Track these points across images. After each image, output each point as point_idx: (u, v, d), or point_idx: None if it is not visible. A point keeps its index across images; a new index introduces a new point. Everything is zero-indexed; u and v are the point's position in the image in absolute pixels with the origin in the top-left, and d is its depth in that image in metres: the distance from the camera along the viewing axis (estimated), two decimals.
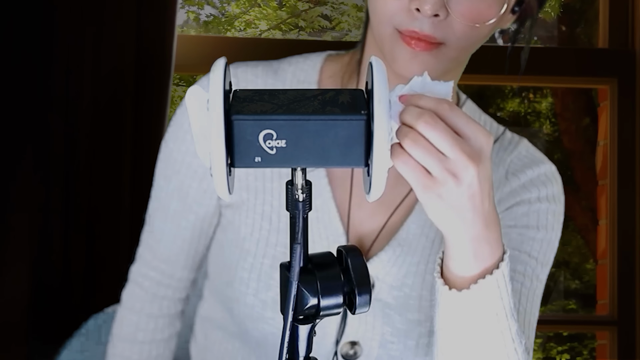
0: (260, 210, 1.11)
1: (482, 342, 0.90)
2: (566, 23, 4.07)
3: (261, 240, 1.10)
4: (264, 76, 1.12)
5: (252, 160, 0.68)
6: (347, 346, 1.11)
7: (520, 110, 4.51)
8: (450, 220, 0.81)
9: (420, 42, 0.96)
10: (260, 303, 1.09)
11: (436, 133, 0.75)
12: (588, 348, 4.28)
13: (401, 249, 1.11)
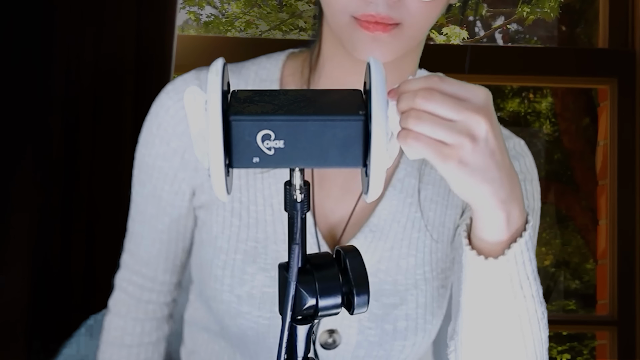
0: (229, 207, 1.12)
1: (514, 308, 0.88)
2: (566, 23, 4.07)
3: (232, 236, 1.11)
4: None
5: (250, 160, 0.68)
6: (325, 335, 1.12)
7: (520, 110, 4.52)
8: (478, 186, 0.78)
9: (378, 25, 0.96)
10: (235, 298, 1.10)
11: (435, 103, 0.75)
12: (588, 348, 4.29)
13: (373, 235, 1.11)
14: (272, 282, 1.09)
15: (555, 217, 4.40)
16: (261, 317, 1.09)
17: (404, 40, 0.98)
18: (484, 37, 4.18)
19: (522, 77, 3.15)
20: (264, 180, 1.11)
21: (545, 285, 4.46)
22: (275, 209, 1.11)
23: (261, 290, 1.09)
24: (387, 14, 0.95)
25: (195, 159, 1.12)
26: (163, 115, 1.11)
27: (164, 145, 1.12)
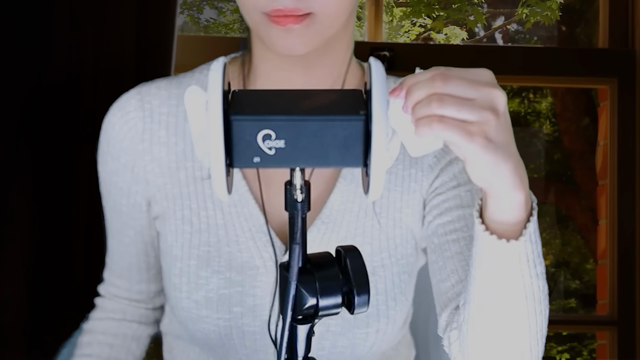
0: (180, 215, 1.14)
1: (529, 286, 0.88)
2: (566, 23, 4.07)
3: (185, 243, 1.13)
4: (167, 87, 1.16)
5: (251, 160, 0.68)
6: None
7: (520, 110, 4.52)
8: (502, 164, 0.78)
9: (287, 17, 0.97)
10: (194, 304, 1.12)
11: (454, 84, 0.75)
12: (588, 348, 4.29)
13: (326, 226, 1.12)
14: (227, 283, 1.11)
15: (555, 217, 4.40)
16: (221, 319, 1.11)
17: (319, 29, 0.99)
18: (484, 37, 4.18)
19: (522, 77, 3.15)
20: (211, 185, 1.13)
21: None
22: (225, 212, 1.12)
23: (217, 293, 1.11)
24: (294, 6, 0.96)
25: (144, 172, 1.14)
26: (110, 132, 1.15)
27: (115, 161, 1.15)
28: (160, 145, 1.13)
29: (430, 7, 3.61)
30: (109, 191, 1.18)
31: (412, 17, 3.76)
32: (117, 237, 1.21)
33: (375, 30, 2.95)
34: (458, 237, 1.06)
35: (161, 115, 1.14)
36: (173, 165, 1.13)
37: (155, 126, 1.14)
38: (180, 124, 1.14)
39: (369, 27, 2.96)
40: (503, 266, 0.87)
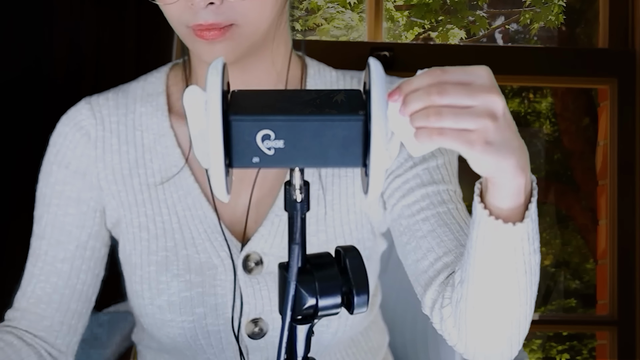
0: (136, 223, 1.15)
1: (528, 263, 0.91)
2: (566, 23, 4.07)
3: (143, 250, 1.14)
4: (114, 98, 1.18)
5: (250, 160, 0.68)
6: (250, 325, 1.13)
7: (520, 110, 4.51)
8: (504, 160, 0.80)
9: (210, 31, 0.99)
10: (157, 309, 1.13)
11: (451, 95, 0.75)
12: (588, 348, 4.29)
13: (279, 219, 1.13)
14: (187, 286, 1.12)
15: (555, 217, 4.39)
16: (185, 321, 1.12)
17: (243, 38, 1.02)
18: (484, 37, 4.18)
19: (522, 77, 3.15)
20: (165, 190, 1.14)
21: (545, 285, 4.46)
22: (180, 215, 1.14)
23: (179, 296, 1.12)
24: (214, 20, 0.99)
25: (98, 179, 1.15)
26: (61, 142, 1.16)
27: (62, 169, 1.15)
28: (112, 153, 1.15)
29: (433, 12, 3.61)
30: (48, 203, 1.15)
31: (413, 18, 3.76)
32: (50, 254, 1.14)
33: (375, 30, 2.95)
34: (427, 216, 1.07)
35: (112, 124, 1.16)
36: (126, 172, 1.15)
37: (107, 134, 1.15)
38: (130, 132, 1.16)
39: (369, 27, 2.96)
40: (506, 247, 0.88)
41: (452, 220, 1.06)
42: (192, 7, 0.99)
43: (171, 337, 1.14)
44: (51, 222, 1.15)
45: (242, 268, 1.13)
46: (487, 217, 0.87)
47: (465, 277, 0.94)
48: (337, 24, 3.80)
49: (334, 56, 2.88)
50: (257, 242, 1.13)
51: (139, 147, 1.15)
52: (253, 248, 1.13)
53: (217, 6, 0.99)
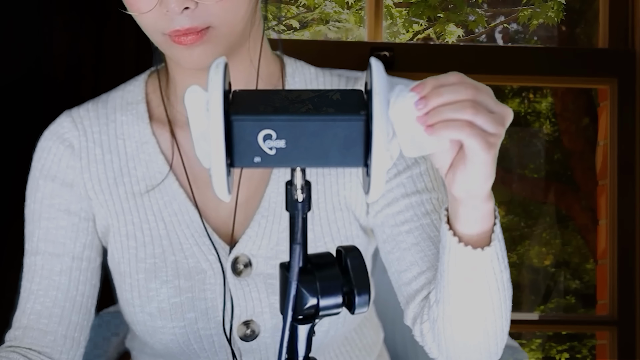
0: (124, 231, 1.15)
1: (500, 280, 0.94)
2: (566, 23, 4.07)
3: (131, 259, 1.14)
4: (94, 109, 1.18)
5: (252, 160, 0.68)
6: (242, 328, 1.14)
7: (520, 110, 4.52)
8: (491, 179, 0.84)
9: (187, 36, 1.00)
10: (148, 316, 1.13)
11: (484, 96, 0.80)
12: (587, 347, 4.29)
13: (266, 220, 1.13)
14: (176, 292, 1.12)
15: (555, 217, 4.40)
16: (176, 327, 1.12)
17: (221, 40, 1.03)
18: (483, 34, 4.18)
19: (522, 77, 3.15)
20: (150, 197, 1.14)
21: (545, 285, 4.46)
22: (166, 221, 1.14)
23: (169, 303, 1.12)
24: (190, 25, 0.99)
25: (85, 189, 1.15)
26: (46, 156, 1.16)
27: (49, 183, 1.15)
28: (97, 163, 1.15)
29: (431, 8, 3.61)
30: (39, 218, 1.15)
31: (412, 17, 3.76)
32: (47, 268, 1.14)
33: (375, 30, 2.95)
34: (411, 228, 1.08)
35: (94, 134, 1.16)
36: (111, 181, 1.15)
37: (91, 144, 1.16)
38: (113, 141, 1.16)
39: (369, 27, 2.96)
40: (477, 270, 0.92)
41: (435, 232, 1.08)
42: (167, 14, 0.99)
43: (164, 343, 1.14)
44: (44, 237, 1.15)
45: (231, 271, 1.13)
46: (457, 244, 0.91)
47: (440, 298, 0.97)
48: (332, 26, 3.79)
49: (334, 56, 2.89)
50: (244, 244, 1.13)
51: (122, 156, 1.15)
52: (241, 250, 1.13)
53: (192, 10, 0.99)
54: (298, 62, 1.20)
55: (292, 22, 3.86)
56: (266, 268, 1.13)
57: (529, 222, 4.49)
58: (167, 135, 1.15)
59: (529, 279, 4.52)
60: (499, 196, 4.55)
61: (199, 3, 0.99)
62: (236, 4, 1.02)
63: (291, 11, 3.89)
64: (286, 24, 3.87)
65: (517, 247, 4.45)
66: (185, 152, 1.15)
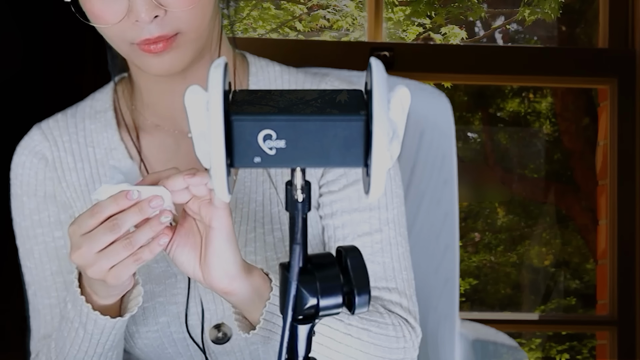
0: None
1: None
2: (566, 23, 4.07)
3: None
4: (63, 119, 1.19)
5: (252, 160, 0.68)
6: (214, 331, 1.13)
7: (520, 110, 4.52)
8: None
9: (157, 44, 1.00)
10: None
11: None
12: (588, 347, 4.29)
13: (232, 219, 1.12)
14: (148, 296, 1.11)
15: (555, 217, 4.40)
16: (149, 331, 1.12)
17: (190, 45, 1.03)
18: (484, 37, 4.18)
19: (522, 77, 3.16)
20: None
21: (545, 285, 4.46)
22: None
23: (142, 307, 1.09)
24: (160, 33, 1.00)
25: (66, 197, 1.15)
26: (21, 171, 1.16)
27: (32, 198, 1.15)
28: (70, 171, 1.16)
29: (431, 5, 3.61)
30: (34, 234, 1.15)
31: (413, 17, 3.76)
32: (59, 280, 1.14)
33: (375, 30, 2.95)
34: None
35: (64, 143, 1.17)
36: (84, 189, 1.15)
37: (62, 154, 1.16)
38: (83, 149, 1.16)
39: (369, 27, 2.96)
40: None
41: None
42: (136, 24, 0.99)
43: (139, 347, 1.14)
44: (44, 251, 1.15)
45: None
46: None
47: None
48: (332, 9, 3.77)
49: (334, 56, 2.89)
50: None
51: (93, 163, 1.16)
52: None
53: (162, 18, 0.99)
54: (262, 60, 1.20)
55: (297, 24, 3.86)
56: None
57: (529, 222, 4.49)
58: (135, 142, 1.16)
59: (529, 279, 4.52)
60: (499, 196, 4.56)
61: (167, 10, 0.99)
62: (203, 9, 1.02)
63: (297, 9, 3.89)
64: (291, 26, 3.87)
65: (517, 247, 4.45)
66: (152, 156, 1.16)
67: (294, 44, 3.24)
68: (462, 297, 4.10)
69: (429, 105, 1.47)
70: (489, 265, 4.47)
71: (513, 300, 4.53)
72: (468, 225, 4.37)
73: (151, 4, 0.98)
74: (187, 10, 1.00)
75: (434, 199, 1.47)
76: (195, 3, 1.01)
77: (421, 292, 1.28)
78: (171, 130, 1.16)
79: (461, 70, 2.95)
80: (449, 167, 1.48)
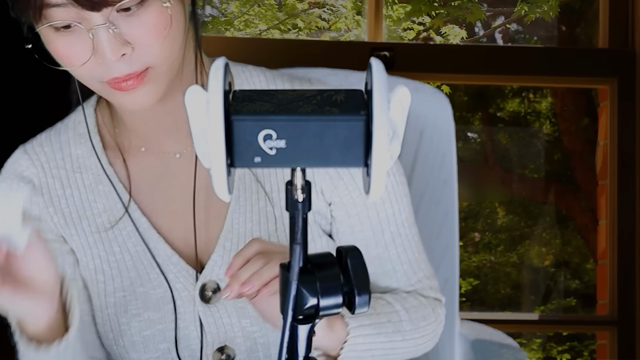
0: (92, 265, 1.14)
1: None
2: (566, 23, 4.07)
3: (100, 293, 1.13)
4: (48, 142, 1.16)
5: (252, 160, 0.68)
6: (217, 354, 1.12)
7: (520, 110, 4.52)
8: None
9: (127, 82, 0.98)
10: (123, 349, 1.13)
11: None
12: (589, 349, 4.29)
13: (230, 242, 1.12)
14: (147, 324, 1.11)
15: (555, 217, 4.40)
16: (150, 358, 1.12)
17: (162, 77, 1.01)
18: (484, 37, 4.18)
19: (522, 77, 3.16)
20: (114, 229, 1.12)
21: (545, 285, 4.46)
22: (132, 252, 1.12)
23: (141, 335, 1.11)
24: (130, 70, 0.97)
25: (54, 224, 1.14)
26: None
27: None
28: (59, 197, 1.14)
29: (431, 4, 3.60)
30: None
31: (412, 17, 3.76)
32: None
33: (375, 30, 2.95)
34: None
35: (52, 169, 1.14)
36: (75, 216, 1.14)
37: (50, 180, 1.14)
38: (71, 175, 1.15)
39: (369, 27, 2.96)
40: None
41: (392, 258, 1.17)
42: (103, 64, 0.97)
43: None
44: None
45: (199, 298, 1.11)
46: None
47: None
48: (328, 9, 3.77)
49: (334, 56, 2.89)
50: (211, 270, 1.12)
51: (82, 189, 1.14)
52: (208, 276, 1.12)
53: (130, 55, 0.96)
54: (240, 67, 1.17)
55: (298, 22, 3.86)
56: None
57: (529, 222, 4.49)
58: (123, 163, 1.14)
59: (529, 279, 4.52)
60: (499, 196, 4.56)
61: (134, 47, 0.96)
62: (172, 40, 0.99)
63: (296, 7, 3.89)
64: (293, 23, 3.86)
65: (517, 247, 4.45)
66: (140, 179, 1.14)
67: (294, 43, 3.24)
68: (462, 297, 4.11)
69: (429, 105, 1.47)
70: (489, 265, 4.47)
71: (513, 300, 4.53)
72: (468, 225, 4.37)
73: (116, 42, 0.95)
74: (156, 45, 0.97)
75: (434, 199, 1.47)
76: (163, 36, 0.97)
77: None
78: (157, 152, 1.14)
79: (461, 70, 2.95)
80: (449, 167, 1.48)
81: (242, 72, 1.17)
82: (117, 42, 0.95)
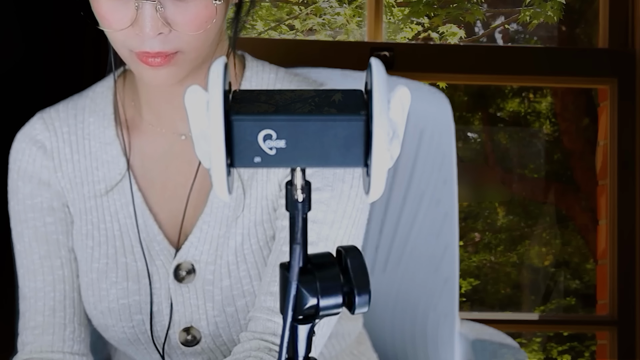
0: (84, 230, 1.18)
1: None
2: (566, 23, 4.07)
3: (87, 258, 1.17)
4: (65, 110, 1.21)
5: (252, 160, 0.69)
6: (183, 334, 1.16)
7: (520, 110, 4.52)
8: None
9: (155, 59, 1.01)
10: (100, 314, 1.16)
11: None
12: (590, 350, 4.29)
13: (207, 225, 1.15)
14: (124, 293, 1.14)
15: (555, 217, 4.40)
16: (125, 327, 1.15)
17: (187, 63, 1.04)
18: (483, 36, 4.18)
19: (522, 77, 3.16)
20: (109, 198, 1.16)
21: (545, 285, 4.46)
22: (121, 223, 1.16)
23: (118, 303, 1.14)
24: (161, 49, 1.01)
25: (60, 187, 1.18)
26: (20, 158, 1.19)
27: (27, 184, 1.17)
28: (67, 162, 1.18)
29: (430, 6, 3.61)
30: (24, 221, 1.17)
31: (412, 17, 3.76)
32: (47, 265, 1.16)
33: (375, 30, 2.95)
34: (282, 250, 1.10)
35: (64, 134, 1.18)
36: (78, 181, 1.17)
37: (61, 144, 1.18)
38: (80, 141, 1.18)
39: (369, 27, 2.96)
40: None
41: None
42: (139, 35, 1.00)
43: (116, 340, 1.17)
44: (34, 236, 1.17)
45: (173, 276, 1.14)
46: None
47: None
48: (326, 15, 3.77)
49: (334, 56, 2.89)
50: (187, 250, 1.15)
51: (88, 156, 1.18)
52: (183, 257, 1.15)
53: (165, 35, 1.00)
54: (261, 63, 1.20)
55: (295, 23, 3.86)
56: (206, 274, 1.15)
57: (529, 222, 4.49)
58: (130, 138, 1.18)
59: (529, 279, 4.52)
60: (499, 196, 4.57)
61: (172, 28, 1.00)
62: (208, 32, 1.03)
63: (294, 11, 3.89)
64: (289, 24, 3.87)
65: (517, 247, 4.45)
66: (145, 155, 1.17)
67: (294, 43, 3.24)
68: (462, 297, 4.11)
69: (429, 105, 1.47)
70: (489, 265, 4.47)
71: (513, 300, 4.54)
72: (468, 225, 4.37)
73: (158, 21, 0.99)
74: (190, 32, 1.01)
75: (434, 199, 1.47)
76: (203, 29, 1.01)
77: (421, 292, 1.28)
78: (165, 131, 1.17)
79: (461, 70, 2.95)
80: (449, 167, 1.48)
81: (255, 66, 1.20)
82: (159, 21, 0.99)
